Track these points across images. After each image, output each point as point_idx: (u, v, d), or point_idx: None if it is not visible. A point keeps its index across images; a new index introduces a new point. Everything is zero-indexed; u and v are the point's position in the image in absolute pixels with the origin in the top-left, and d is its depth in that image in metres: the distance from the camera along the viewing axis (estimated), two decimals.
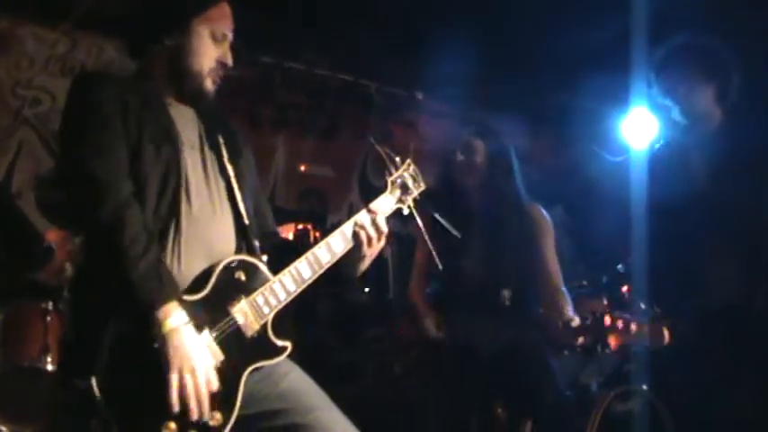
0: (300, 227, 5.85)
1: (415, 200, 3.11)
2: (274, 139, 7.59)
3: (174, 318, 2.41)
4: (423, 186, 3.16)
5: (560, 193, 7.29)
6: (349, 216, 2.95)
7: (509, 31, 6.16)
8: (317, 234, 5.78)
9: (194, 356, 2.42)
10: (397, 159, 3.11)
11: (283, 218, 6.33)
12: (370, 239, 2.84)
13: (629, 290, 5.92)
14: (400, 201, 3.05)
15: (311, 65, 7.37)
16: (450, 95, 7.60)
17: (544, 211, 4.55)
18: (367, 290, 6.09)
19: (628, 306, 5.69)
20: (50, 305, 4.59)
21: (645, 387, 5.40)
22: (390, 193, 3.03)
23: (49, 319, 4.55)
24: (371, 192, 3.10)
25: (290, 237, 5.75)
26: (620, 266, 6.08)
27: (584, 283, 6.02)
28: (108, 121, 2.54)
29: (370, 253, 2.88)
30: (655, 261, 3.79)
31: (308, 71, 7.40)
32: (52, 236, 5.08)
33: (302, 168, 7.63)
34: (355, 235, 2.84)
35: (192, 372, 2.41)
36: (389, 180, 3.04)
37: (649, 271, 3.95)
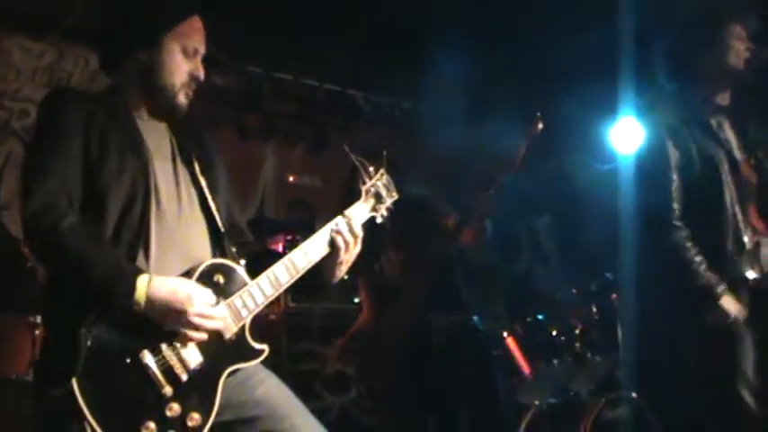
0: (289, 237, 5.85)
1: (388, 209, 3.16)
2: (263, 150, 7.59)
3: (140, 282, 2.45)
4: (395, 196, 3.20)
5: (548, 201, 7.32)
6: None
7: (497, 39, 6.17)
8: None
9: (178, 293, 2.50)
10: (371, 168, 3.15)
11: (272, 229, 6.33)
12: (347, 244, 2.88)
13: (617, 298, 5.93)
14: (374, 209, 3.10)
15: (298, 75, 7.37)
16: (438, 103, 7.61)
17: None
18: (357, 299, 6.07)
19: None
20: (38, 318, 4.57)
21: (634, 394, 5.43)
22: (365, 201, 3.07)
23: (36, 332, 4.53)
24: (353, 182, 3.16)
25: (280, 248, 5.76)
26: (608, 274, 6.08)
27: (573, 291, 6.02)
28: (64, 137, 2.58)
29: (347, 259, 2.91)
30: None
31: (296, 81, 7.40)
32: None
33: (291, 179, 7.62)
34: (332, 241, 2.87)
35: (185, 303, 2.49)
36: (363, 189, 3.08)
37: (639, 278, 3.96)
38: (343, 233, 2.87)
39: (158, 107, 2.82)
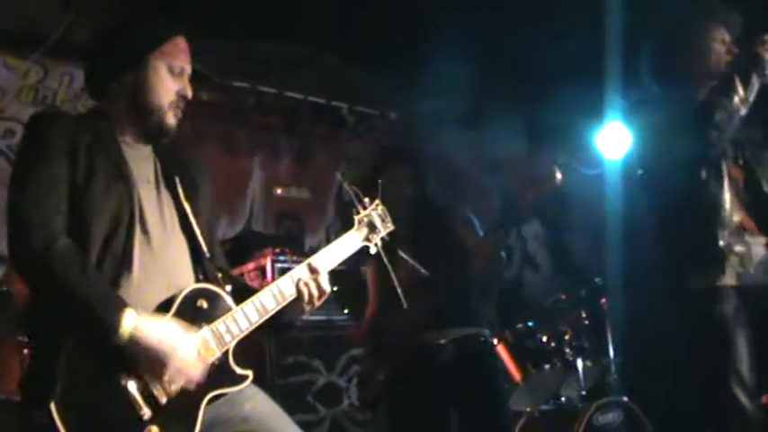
0: (278, 251, 5.85)
1: (382, 239, 3.17)
2: (250, 164, 7.59)
3: (127, 320, 2.43)
4: (390, 227, 3.22)
5: (536, 205, 7.33)
6: (327, 239, 2.98)
7: (483, 46, 6.19)
8: (295, 258, 5.79)
9: (163, 344, 2.46)
10: (366, 199, 3.16)
11: (261, 243, 6.32)
12: (311, 296, 2.85)
13: (606, 302, 5.95)
14: (367, 239, 3.12)
15: (283, 88, 7.38)
16: (424, 111, 7.63)
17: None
18: (346, 311, 6.07)
19: None
20: (26, 338, 4.55)
21: (625, 398, 5.45)
22: (357, 230, 3.09)
23: (25, 351, 4.51)
24: (347, 212, 3.15)
25: (268, 262, 5.77)
26: (597, 279, 6.11)
27: (563, 296, 6.04)
28: (50, 161, 2.57)
29: (308, 309, 2.89)
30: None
31: (281, 94, 7.40)
32: (15, 277, 5.06)
33: (278, 191, 7.62)
34: (297, 288, 2.84)
35: (167, 357, 2.46)
36: (356, 218, 3.10)
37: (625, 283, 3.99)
38: (310, 286, 2.85)
39: (147, 129, 2.80)
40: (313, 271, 2.87)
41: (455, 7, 5.81)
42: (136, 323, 2.44)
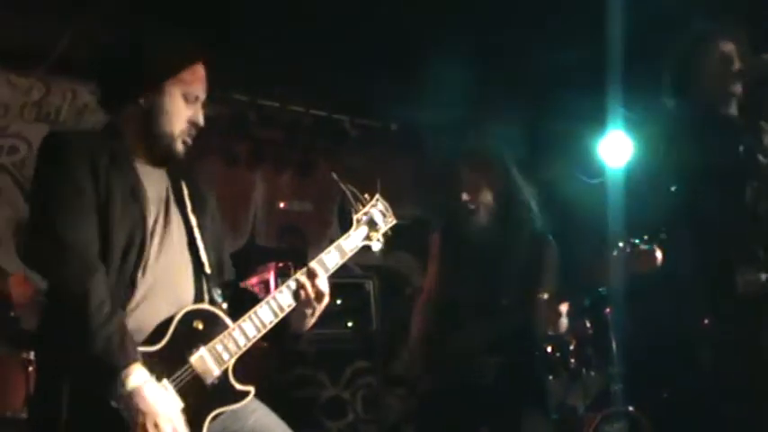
0: (281, 265, 5.85)
1: (385, 234, 3.15)
2: (252, 177, 7.60)
3: (135, 376, 2.44)
4: (393, 221, 3.20)
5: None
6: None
7: (485, 53, 6.20)
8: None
9: (158, 411, 2.44)
10: (365, 196, 3.16)
11: (264, 257, 6.33)
12: (308, 299, 2.85)
13: (611, 312, 5.94)
14: (368, 237, 3.10)
15: (284, 101, 7.40)
16: (424, 121, 7.63)
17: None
18: (350, 324, 6.08)
19: None
20: (32, 355, 4.56)
21: (631, 408, 5.43)
22: (356, 230, 3.07)
23: (30, 369, 4.52)
24: (346, 212, 3.14)
25: (272, 276, 5.77)
26: (602, 289, 6.08)
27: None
28: (78, 184, 2.59)
29: (310, 313, 2.89)
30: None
31: (282, 108, 7.42)
32: (14, 280, 5.08)
33: (281, 205, 7.63)
34: (296, 293, 2.85)
35: (157, 427, 2.43)
36: (355, 218, 3.09)
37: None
38: (307, 289, 2.85)
39: (155, 152, 2.81)
40: (311, 275, 2.86)
41: (455, 17, 5.81)
42: (142, 384, 2.44)
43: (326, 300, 2.90)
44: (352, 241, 3.05)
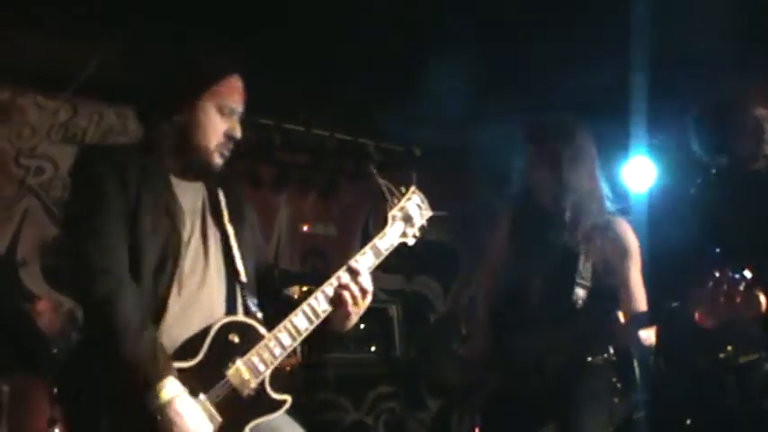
0: (305, 289, 5.84)
1: (422, 228, 3.05)
2: (276, 200, 7.63)
3: (169, 389, 2.45)
4: (429, 212, 3.09)
5: None
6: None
7: (507, 79, 6.21)
8: None
9: (192, 424, 2.46)
10: (401, 188, 3.06)
11: (287, 280, 6.33)
12: (354, 298, 2.80)
13: None
14: (403, 234, 3.00)
15: (309, 125, 7.43)
16: (448, 146, 7.64)
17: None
18: (373, 348, 6.07)
19: None
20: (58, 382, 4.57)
21: None
22: (391, 227, 2.97)
23: (55, 390, 4.53)
24: (381, 208, 3.04)
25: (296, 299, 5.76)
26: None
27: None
28: (107, 199, 2.59)
29: (356, 311, 2.83)
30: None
31: (307, 132, 7.45)
32: (42, 305, 5.10)
33: (305, 228, 7.64)
34: (332, 299, 2.80)
35: None
36: (390, 214, 2.99)
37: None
38: (351, 288, 2.80)
39: (192, 166, 2.80)
40: (353, 273, 2.81)
41: (480, 44, 5.83)
42: (174, 397, 2.45)
43: (370, 297, 2.85)
44: (387, 240, 2.94)
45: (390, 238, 2.96)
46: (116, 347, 2.44)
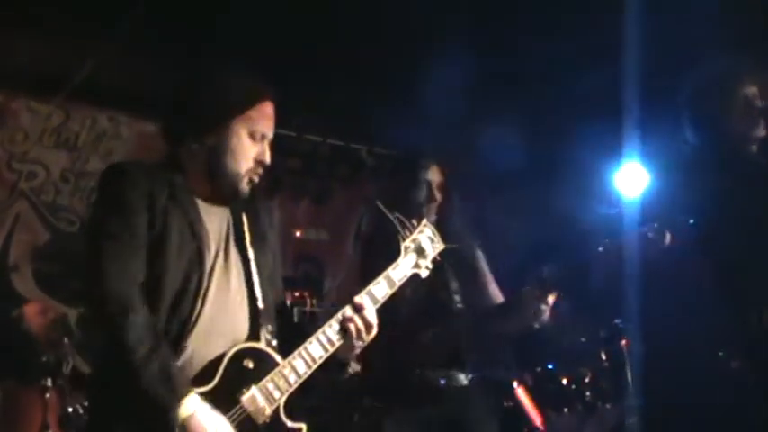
0: (297, 294, 5.83)
1: (434, 260, 3.08)
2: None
3: (187, 405, 2.44)
4: (440, 246, 3.13)
5: (553, 245, 7.32)
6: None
7: (501, 84, 6.22)
8: (314, 301, 5.76)
9: (216, 429, 2.47)
10: (413, 222, 3.09)
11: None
12: (358, 331, 2.80)
13: (627, 344, 5.90)
14: (416, 265, 3.03)
15: (302, 130, 7.43)
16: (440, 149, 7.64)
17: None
18: None
19: None
20: (49, 381, 4.55)
21: None
22: (404, 257, 3.00)
23: (48, 395, 4.51)
24: (394, 241, 3.05)
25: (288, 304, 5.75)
26: (618, 321, 6.06)
27: (582, 339, 6.01)
28: (130, 219, 2.57)
29: (359, 345, 2.84)
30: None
31: (300, 137, 7.45)
32: (30, 309, 5.08)
33: (297, 233, 7.64)
34: (343, 327, 2.80)
35: None
36: (403, 246, 3.01)
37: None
38: (356, 321, 2.80)
39: (220, 190, 2.76)
40: (358, 309, 2.81)
41: (473, 47, 5.84)
42: (193, 412, 2.45)
43: (374, 331, 2.84)
44: (401, 270, 2.97)
45: (404, 268, 2.99)
46: (129, 367, 2.43)
